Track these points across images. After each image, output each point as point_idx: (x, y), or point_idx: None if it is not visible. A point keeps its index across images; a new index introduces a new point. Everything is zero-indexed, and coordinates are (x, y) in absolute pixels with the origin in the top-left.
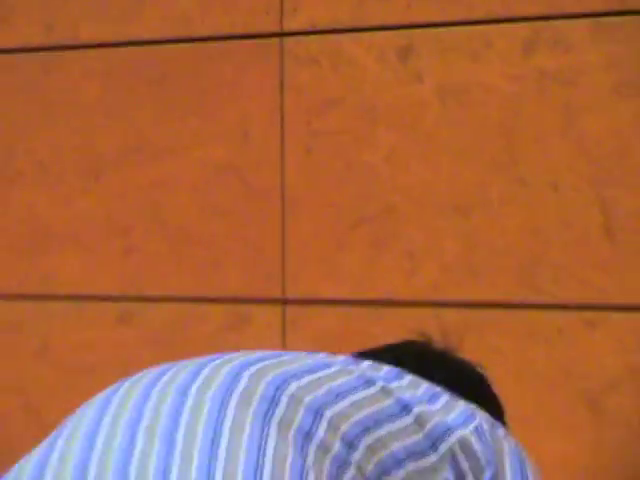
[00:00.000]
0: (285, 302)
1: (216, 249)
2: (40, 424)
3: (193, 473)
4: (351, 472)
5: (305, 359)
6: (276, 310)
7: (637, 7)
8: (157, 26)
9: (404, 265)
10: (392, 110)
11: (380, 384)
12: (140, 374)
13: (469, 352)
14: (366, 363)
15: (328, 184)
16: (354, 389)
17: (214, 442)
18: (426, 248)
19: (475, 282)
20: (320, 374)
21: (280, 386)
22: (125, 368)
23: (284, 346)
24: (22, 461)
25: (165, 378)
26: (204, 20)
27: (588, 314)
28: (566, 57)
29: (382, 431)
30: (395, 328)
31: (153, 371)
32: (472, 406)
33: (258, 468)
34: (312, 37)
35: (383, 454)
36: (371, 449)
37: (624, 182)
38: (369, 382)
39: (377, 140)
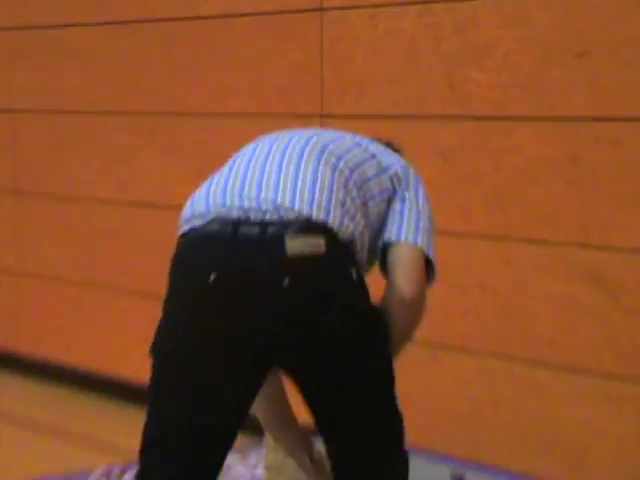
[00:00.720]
0: (322, 116)
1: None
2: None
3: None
4: (353, 180)
5: (336, 134)
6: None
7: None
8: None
9: (363, 109)
10: (367, 41)
11: (364, 147)
12: (280, 137)
13: None
14: (362, 137)
15: (341, 80)
16: (354, 148)
17: (298, 168)
18: (372, 106)
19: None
20: (342, 141)
21: (325, 145)
22: None
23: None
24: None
25: (294, 139)
26: (285, 2)
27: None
28: (430, 18)
29: (364, 167)
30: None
31: (284, 136)
32: (400, 157)
33: (317, 176)
34: (336, 11)
35: (364, 175)
36: (359, 173)
37: (462, 65)
38: (360, 145)
39: (360, 56)
